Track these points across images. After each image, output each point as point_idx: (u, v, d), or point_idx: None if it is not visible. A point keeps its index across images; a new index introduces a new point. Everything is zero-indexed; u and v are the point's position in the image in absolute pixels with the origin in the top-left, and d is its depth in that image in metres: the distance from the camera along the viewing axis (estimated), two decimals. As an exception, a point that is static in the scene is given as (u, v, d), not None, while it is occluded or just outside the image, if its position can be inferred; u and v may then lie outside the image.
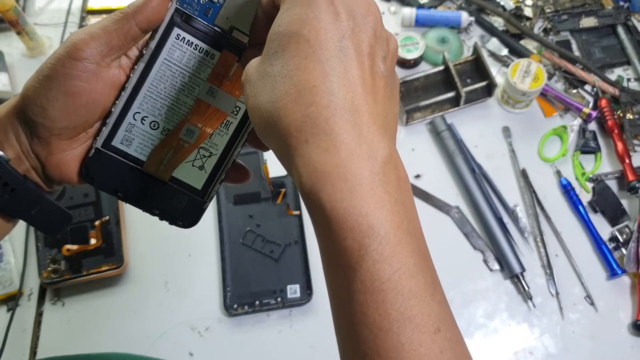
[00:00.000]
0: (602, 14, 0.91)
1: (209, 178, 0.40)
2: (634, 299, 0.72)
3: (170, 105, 0.38)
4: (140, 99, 0.37)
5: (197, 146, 0.39)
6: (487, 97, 0.85)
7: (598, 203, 0.77)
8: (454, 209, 0.79)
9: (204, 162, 0.39)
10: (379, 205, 0.27)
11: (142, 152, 0.38)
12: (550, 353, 0.70)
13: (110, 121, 0.37)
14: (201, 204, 0.40)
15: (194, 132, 0.39)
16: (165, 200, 0.40)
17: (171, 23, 0.37)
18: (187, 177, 0.39)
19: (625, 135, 0.80)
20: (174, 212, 0.40)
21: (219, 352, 0.70)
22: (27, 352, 0.71)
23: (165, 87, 0.38)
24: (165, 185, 0.39)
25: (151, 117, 0.38)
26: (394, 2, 0.96)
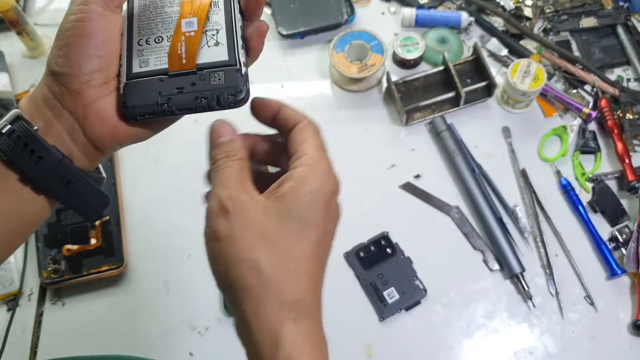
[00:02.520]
0: (602, 14, 0.91)
1: (228, 48, 0.41)
2: (634, 299, 0.72)
3: (163, 18, 0.41)
4: (137, 28, 0.41)
5: (201, 31, 0.41)
6: (487, 97, 0.85)
7: (598, 203, 0.77)
8: (453, 209, 0.79)
9: (217, 39, 0.41)
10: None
11: (161, 62, 0.40)
12: (550, 353, 0.70)
13: (123, 58, 0.40)
14: (236, 70, 0.40)
15: (192, 22, 0.41)
16: (204, 85, 0.40)
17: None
18: (209, 57, 0.41)
19: (625, 135, 0.80)
20: (219, 91, 0.40)
21: (219, 352, 0.71)
22: (28, 352, 0.71)
23: (151, 9, 0.41)
24: (196, 73, 0.40)
25: (153, 35, 0.41)
26: (394, 2, 0.96)
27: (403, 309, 0.72)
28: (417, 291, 0.73)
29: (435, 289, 0.73)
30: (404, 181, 0.81)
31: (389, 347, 0.71)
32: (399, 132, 0.85)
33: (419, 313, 0.73)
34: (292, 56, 0.91)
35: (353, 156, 0.83)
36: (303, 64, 0.91)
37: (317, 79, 0.89)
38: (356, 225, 0.77)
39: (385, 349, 0.70)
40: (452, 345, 0.71)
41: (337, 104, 0.87)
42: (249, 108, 0.42)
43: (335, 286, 0.74)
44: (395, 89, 0.83)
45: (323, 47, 0.92)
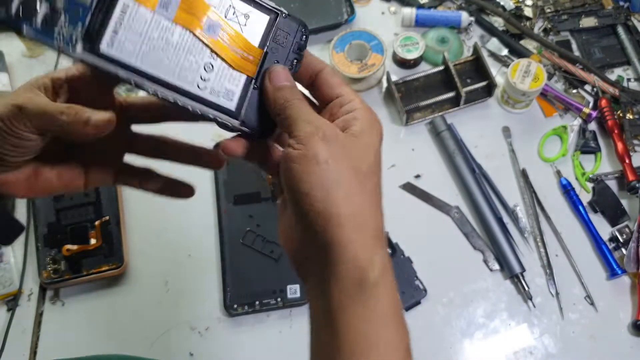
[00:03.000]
0: (602, 14, 0.91)
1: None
2: (634, 299, 0.72)
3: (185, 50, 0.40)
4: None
5: (226, 22, 0.39)
6: (487, 97, 0.85)
7: (598, 203, 0.77)
8: (453, 209, 0.79)
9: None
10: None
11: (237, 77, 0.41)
12: (550, 353, 0.70)
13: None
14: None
15: (210, 25, 0.39)
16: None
17: None
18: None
19: (625, 135, 0.80)
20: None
21: (219, 352, 0.71)
22: (27, 353, 0.71)
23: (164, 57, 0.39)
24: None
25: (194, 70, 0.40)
26: (394, 2, 0.96)
27: (403, 309, 0.72)
28: (417, 291, 0.73)
29: (435, 288, 0.73)
30: (404, 181, 0.81)
31: (389, 347, 0.71)
32: (399, 132, 0.84)
33: (419, 313, 0.73)
34: (292, 56, 0.91)
35: (353, 156, 0.82)
36: (303, 64, 0.90)
37: (317, 79, 0.89)
38: (356, 225, 0.77)
39: (385, 349, 0.70)
40: (452, 345, 0.71)
41: (337, 103, 0.87)
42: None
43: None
44: (395, 89, 0.83)
45: (323, 47, 0.92)
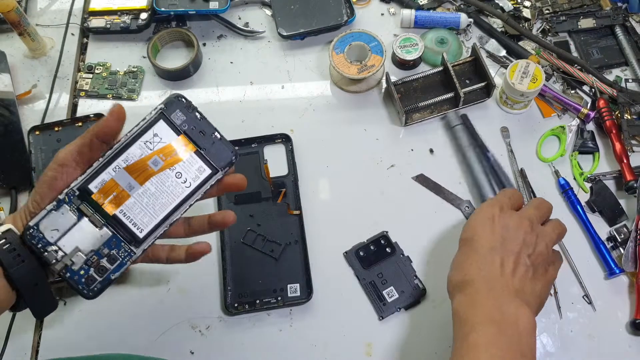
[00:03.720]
0: (600, 15, 0.92)
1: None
2: (632, 298, 0.73)
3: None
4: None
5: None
6: (486, 97, 0.86)
7: (596, 203, 0.78)
8: (465, 202, 0.79)
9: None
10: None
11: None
12: (549, 352, 0.70)
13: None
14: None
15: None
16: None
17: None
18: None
19: (623, 135, 0.80)
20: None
21: (219, 351, 0.71)
22: (29, 352, 0.71)
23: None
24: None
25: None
26: (394, 4, 0.96)
27: (402, 308, 0.73)
28: (416, 290, 0.73)
29: (434, 288, 0.74)
30: (404, 181, 0.81)
31: (388, 346, 0.71)
32: (398, 133, 0.85)
33: (418, 312, 0.73)
34: (292, 57, 0.92)
35: (353, 156, 0.83)
36: (303, 65, 0.91)
37: (317, 80, 0.90)
38: (356, 224, 0.78)
39: (384, 347, 0.71)
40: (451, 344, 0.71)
41: (337, 104, 0.88)
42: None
43: (334, 285, 0.74)
44: (395, 90, 0.84)
45: (323, 48, 0.92)
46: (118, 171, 0.52)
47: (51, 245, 0.50)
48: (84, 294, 0.51)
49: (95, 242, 0.51)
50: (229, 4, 0.91)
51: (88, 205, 0.51)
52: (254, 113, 0.87)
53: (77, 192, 0.51)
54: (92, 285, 0.51)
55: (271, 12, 0.94)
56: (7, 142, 0.82)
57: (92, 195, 0.51)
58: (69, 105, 0.89)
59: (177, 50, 0.93)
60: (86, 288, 0.51)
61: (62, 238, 0.50)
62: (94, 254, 0.51)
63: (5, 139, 0.82)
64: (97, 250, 0.51)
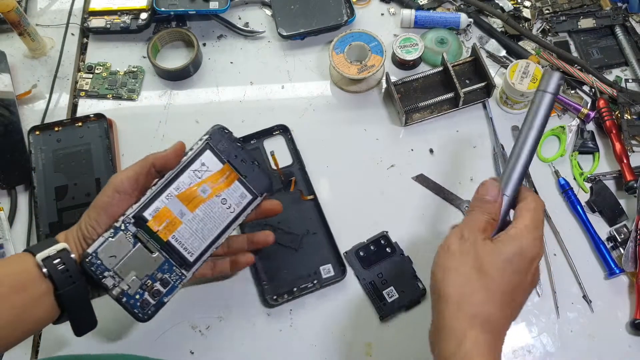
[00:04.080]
0: (600, 15, 0.92)
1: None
2: (632, 298, 0.73)
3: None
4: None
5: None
6: (486, 97, 0.86)
7: (596, 203, 0.78)
8: (465, 202, 0.79)
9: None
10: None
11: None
12: (549, 352, 0.70)
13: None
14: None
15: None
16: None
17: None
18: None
19: (623, 135, 0.80)
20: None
21: (219, 351, 0.71)
22: (29, 352, 0.71)
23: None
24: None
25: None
26: (394, 4, 0.96)
27: (402, 308, 0.73)
28: (416, 290, 0.73)
29: (434, 288, 0.74)
30: (404, 181, 0.81)
31: (388, 346, 0.71)
32: (398, 133, 0.85)
33: (419, 312, 0.73)
34: (292, 57, 0.92)
35: (353, 156, 0.83)
36: (303, 65, 0.91)
37: (317, 80, 0.90)
38: (356, 224, 0.78)
39: (384, 348, 0.71)
40: (451, 344, 0.71)
41: (337, 104, 0.88)
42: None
43: (334, 286, 0.74)
44: (395, 90, 0.84)
45: (323, 48, 0.92)
46: (171, 199, 0.55)
47: (109, 271, 0.52)
48: (139, 318, 0.54)
49: (149, 267, 0.54)
50: (229, 4, 0.91)
51: (144, 232, 0.53)
52: (254, 113, 0.87)
53: (133, 220, 0.53)
54: (147, 308, 0.54)
55: (271, 12, 0.94)
56: (7, 142, 0.82)
57: (148, 223, 0.54)
58: (69, 105, 0.89)
59: (177, 50, 0.93)
60: (141, 312, 0.54)
61: (119, 264, 0.52)
62: (148, 278, 0.54)
63: (5, 139, 0.82)
64: (151, 275, 0.54)
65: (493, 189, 0.54)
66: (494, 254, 0.49)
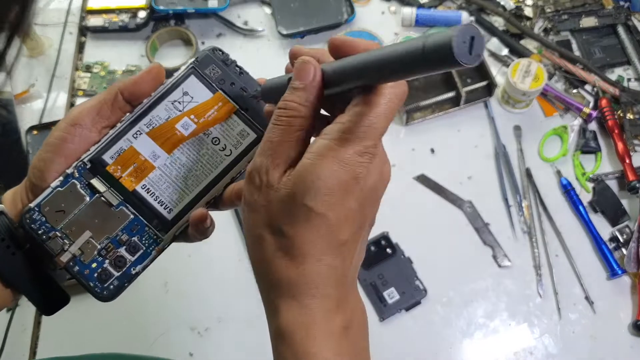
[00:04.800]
0: (602, 14, 0.91)
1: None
2: (634, 299, 0.72)
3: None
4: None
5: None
6: (488, 97, 0.85)
7: (598, 203, 0.77)
8: (466, 203, 0.79)
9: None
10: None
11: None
12: (550, 353, 0.70)
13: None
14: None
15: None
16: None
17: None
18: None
19: (625, 135, 0.80)
20: None
21: (218, 353, 0.71)
22: (27, 352, 0.71)
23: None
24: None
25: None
26: (394, 2, 0.96)
27: (403, 309, 0.72)
28: (417, 291, 0.73)
29: (435, 288, 0.73)
30: (404, 181, 0.81)
31: (389, 347, 0.71)
32: (399, 132, 0.84)
33: (419, 313, 0.73)
34: (292, 56, 0.91)
35: (353, 156, 0.82)
36: (303, 64, 0.91)
37: (317, 79, 0.89)
38: (356, 225, 0.77)
39: (385, 349, 0.70)
40: (452, 345, 0.71)
41: (337, 103, 0.87)
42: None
43: (335, 286, 0.74)
44: (396, 89, 0.83)
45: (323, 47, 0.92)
46: (139, 137, 0.42)
47: (55, 231, 0.40)
48: (96, 294, 0.41)
49: (111, 226, 0.41)
50: (228, 3, 0.90)
51: (102, 180, 0.41)
52: (253, 112, 0.87)
53: (89, 165, 0.40)
54: (108, 282, 0.42)
55: (271, 11, 0.94)
56: (4, 142, 0.81)
57: (107, 167, 0.41)
58: (67, 104, 0.88)
59: (175, 49, 0.92)
60: (99, 286, 0.41)
61: (70, 222, 0.40)
62: (109, 241, 0.41)
63: (3, 139, 0.81)
64: (114, 237, 0.41)
65: (308, 70, 0.36)
66: (287, 200, 0.33)
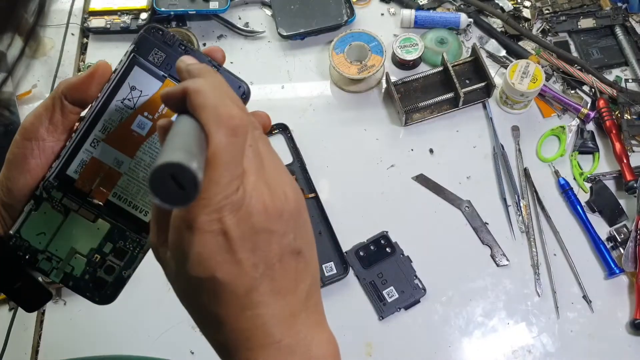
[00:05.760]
0: (600, 15, 0.92)
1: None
2: (632, 298, 0.73)
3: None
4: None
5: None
6: (486, 97, 0.86)
7: (596, 203, 0.78)
8: (465, 202, 0.79)
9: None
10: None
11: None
12: (549, 352, 0.70)
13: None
14: None
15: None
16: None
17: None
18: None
19: (623, 135, 0.80)
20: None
21: (219, 351, 0.71)
22: (29, 351, 0.71)
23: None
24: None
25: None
26: (393, 4, 0.96)
27: (402, 308, 0.73)
28: (416, 290, 0.73)
29: (434, 287, 0.74)
30: (404, 181, 0.81)
31: (388, 346, 0.71)
32: (398, 133, 0.85)
33: (418, 312, 0.73)
34: (292, 57, 0.92)
35: (353, 156, 0.83)
36: (303, 65, 0.91)
37: (317, 80, 0.90)
38: (356, 224, 0.78)
39: (384, 347, 0.71)
40: (451, 344, 0.72)
41: (337, 104, 0.88)
42: None
43: (334, 285, 0.74)
44: (395, 90, 0.84)
45: (323, 48, 0.92)
46: (98, 146, 0.41)
47: (42, 253, 0.41)
48: (95, 301, 0.43)
49: (93, 238, 0.42)
50: (229, 4, 0.90)
51: (73, 197, 0.41)
52: (254, 113, 0.87)
53: (56, 183, 0.40)
54: (104, 289, 0.43)
55: (271, 12, 0.94)
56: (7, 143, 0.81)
57: (75, 184, 0.41)
58: (69, 105, 0.89)
59: (177, 50, 0.93)
60: (96, 294, 0.43)
61: (53, 241, 0.41)
62: (95, 252, 0.42)
63: (5, 140, 0.81)
64: (98, 248, 0.42)
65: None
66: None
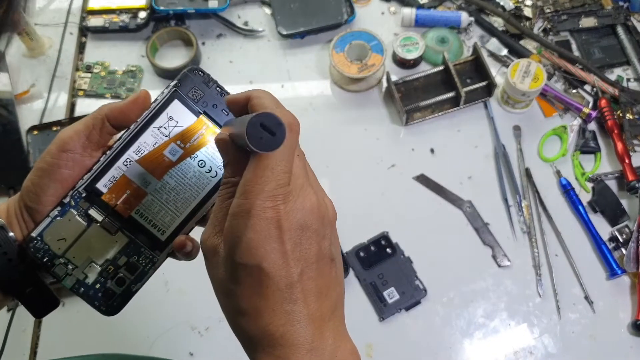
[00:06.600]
0: (601, 14, 0.91)
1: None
2: (634, 298, 0.72)
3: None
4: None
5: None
6: (487, 97, 0.85)
7: (598, 203, 0.77)
8: (466, 203, 0.79)
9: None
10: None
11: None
12: (550, 353, 0.70)
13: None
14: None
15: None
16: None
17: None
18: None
19: (625, 135, 0.80)
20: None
21: (219, 352, 0.71)
22: (28, 352, 0.71)
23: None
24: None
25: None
26: (394, 2, 0.96)
27: (403, 309, 0.72)
28: (417, 291, 0.73)
29: (435, 288, 0.74)
30: (405, 181, 0.81)
31: (389, 347, 0.71)
32: (399, 132, 0.85)
33: (419, 313, 0.73)
34: (292, 56, 0.91)
35: (353, 156, 0.83)
36: (303, 64, 0.91)
37: (317, 79, 0.89)
38: (356, 225, 0.77)
39: (385, 348, 0.71)
40: (452, 345, 0.71)
41: (337, 104, 0.87)
42: None
43: (335, 286, 0.74)
44: (395, 89, 0.83)
45: (323, 47, 0.92)
46: (130, 165, 0.44)
47: (59, 258, 0.44)
48: (102, 311, 0.45)
49: (110, 250, 0.45)
50: (228, 3, 0.90)
51: (98, 209, 0.44)
52: (253, 112, 0.87)
53: (84, 194, 0.43)
54: (112, 300, 0.45)
55: (271, 11, 0.94)
56: (5, 142, 0.81)
57: (103, 197, 0.44)
58: (68, 104, 0.88)
59: (176, 49, 0.93)
60: (104, 304, 0.45)
61: (71, 249, 0.44)
62: (109, 264, 0.45)
63: (4, 139, 0.81)
64: (112, 260, 0.45)
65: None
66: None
